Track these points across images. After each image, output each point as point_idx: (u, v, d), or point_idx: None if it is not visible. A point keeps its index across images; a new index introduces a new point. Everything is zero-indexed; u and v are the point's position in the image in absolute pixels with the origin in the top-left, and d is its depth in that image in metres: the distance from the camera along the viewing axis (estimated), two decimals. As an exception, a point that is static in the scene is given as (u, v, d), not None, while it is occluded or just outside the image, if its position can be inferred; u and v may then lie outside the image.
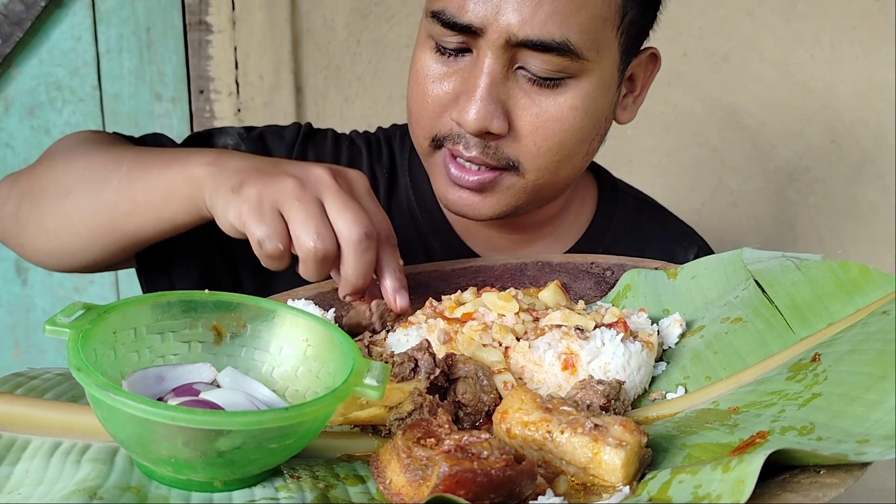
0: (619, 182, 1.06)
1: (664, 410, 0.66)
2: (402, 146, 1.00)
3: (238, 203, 0.68)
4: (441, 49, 0.79)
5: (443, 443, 0.52)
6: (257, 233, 0.67)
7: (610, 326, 0.69)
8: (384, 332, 0.75)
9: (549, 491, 0.52)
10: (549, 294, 0.77)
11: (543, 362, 0.67)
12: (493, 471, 0.48)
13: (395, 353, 0.65)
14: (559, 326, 0.69)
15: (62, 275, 1.73)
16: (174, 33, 1.74)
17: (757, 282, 0.73)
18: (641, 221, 1.03)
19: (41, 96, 1.74)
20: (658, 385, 0.70)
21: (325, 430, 0.58)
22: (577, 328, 0.68)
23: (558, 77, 0.77)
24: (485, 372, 0.65)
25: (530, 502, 0.50)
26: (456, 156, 0.81)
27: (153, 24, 1.74)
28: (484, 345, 0.69)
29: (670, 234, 1.04)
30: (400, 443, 0.52)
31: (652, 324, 0.73)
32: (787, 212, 1.68)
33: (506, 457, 0.49)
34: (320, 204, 0.68)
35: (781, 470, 0.49)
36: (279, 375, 0.61)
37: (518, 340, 0.69)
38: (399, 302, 0.72)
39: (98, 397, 0.47)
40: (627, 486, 0.52)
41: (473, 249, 0.96)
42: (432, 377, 0.63)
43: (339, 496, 0.52)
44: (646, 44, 0.87)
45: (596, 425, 0.54)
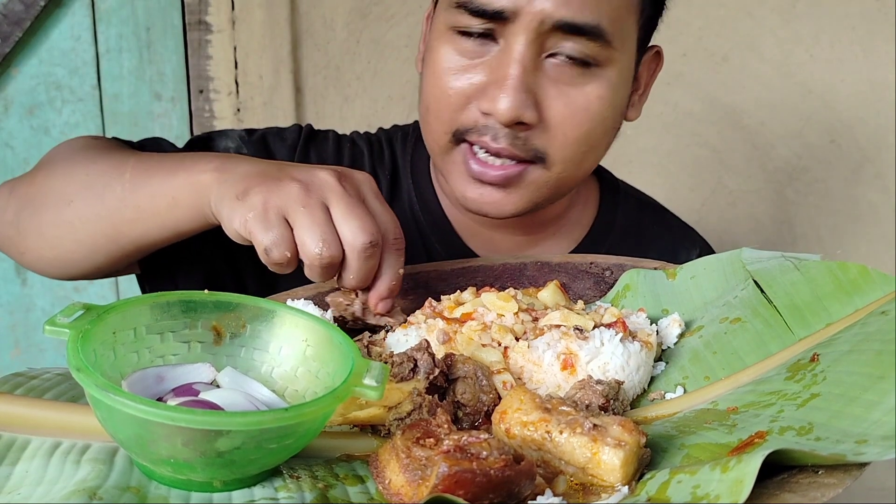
0: (621, 183, 1.05)
1: (663, 410, 0.66)
2: (404, 147, 1.00)
3: (243, 211, 0.68)
4: (465, 37, 0.79)
5: (442, 443, 0.52)
6: (264, 241, 0.66)
7: (609, 326, 0.69)
8: (383, 332, 0.75)
9: (548, 491, 0.52)
10: (549, 294, 0.77)
11: (542, 362, 0.67)
12: (492, 471, 0.48)
13: (395, 353, 0.65)
14: (558, 326, 0.69)
15: (62, 275, 1.73)
16: (174, 33, 1.74)
17: (756, 282, 0.73)
18: (643, 222, 1.03)
19: (41, 96, 1.74)
20: (657, 385, 0.70)
21: (325, 430, 0.58)
22: (577, 328, 0.68)
23: (589, 61, 0.78)
24: (484, 372, 0.65)
25: (529, 502, 0.50)
26: (481, 148, 0.81)
27: (153, 24, 1.74)
28: (483, 345, 0.69)
29: (673, 235, 1.04)
30: (399, 443, 0.52)
31: (651, 324, 0.73)
32: (787, 212, 1.68)
33: (505, 457, 0.49)
34: (326, 209, 0.67)
35: (780, 470, 0.49)
36: (279, 376, 0.61)
37: (517, 340, 0.69)
38: (380, 307, 0.72)
39: (98, 398, 0.47)
40: (626, 486, 0.52)
41: (476, 251, 0.96)
42: (431, 377, 0.63)
43: (339, 496, 0.52)
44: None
45: (595, 425, 0.54)
